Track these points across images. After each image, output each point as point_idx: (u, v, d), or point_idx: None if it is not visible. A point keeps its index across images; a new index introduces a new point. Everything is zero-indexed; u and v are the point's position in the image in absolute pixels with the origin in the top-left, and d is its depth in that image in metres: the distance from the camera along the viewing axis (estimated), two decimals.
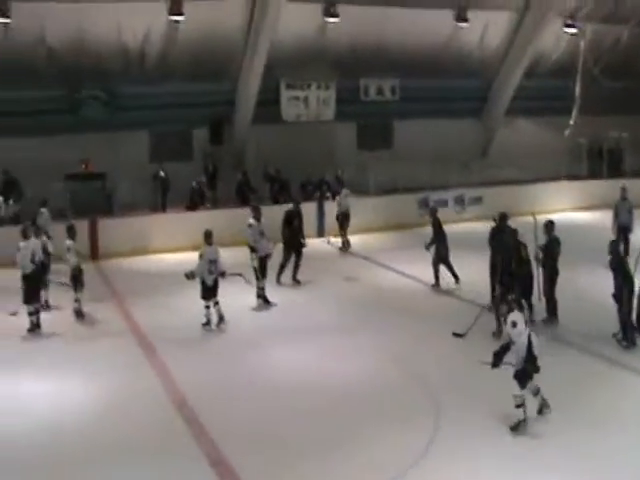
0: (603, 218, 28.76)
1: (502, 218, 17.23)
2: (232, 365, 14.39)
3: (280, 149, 28.06)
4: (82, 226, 22.95)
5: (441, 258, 19.36)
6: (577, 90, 31.95)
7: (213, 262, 16.44)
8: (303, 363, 14.49)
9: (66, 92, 26.03)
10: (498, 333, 15.03)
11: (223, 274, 16.65)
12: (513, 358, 11.38)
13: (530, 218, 16.62)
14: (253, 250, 18.36)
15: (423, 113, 31.12)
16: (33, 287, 16.62)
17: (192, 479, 10.28)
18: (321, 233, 26.38)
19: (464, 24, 30.21)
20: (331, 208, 25.91)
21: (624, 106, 33.25)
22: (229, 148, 28.47)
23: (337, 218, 24.86)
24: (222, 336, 16.28)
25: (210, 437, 11.34)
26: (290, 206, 21.38)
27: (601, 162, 34.31)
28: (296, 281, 20.36)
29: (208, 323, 16.57)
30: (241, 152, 28.65)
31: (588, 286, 19.10)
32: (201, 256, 16.50)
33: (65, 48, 24.93)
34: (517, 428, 11.23)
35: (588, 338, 15.41)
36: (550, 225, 16.51)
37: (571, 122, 32.28)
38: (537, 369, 11.31)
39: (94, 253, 23.37)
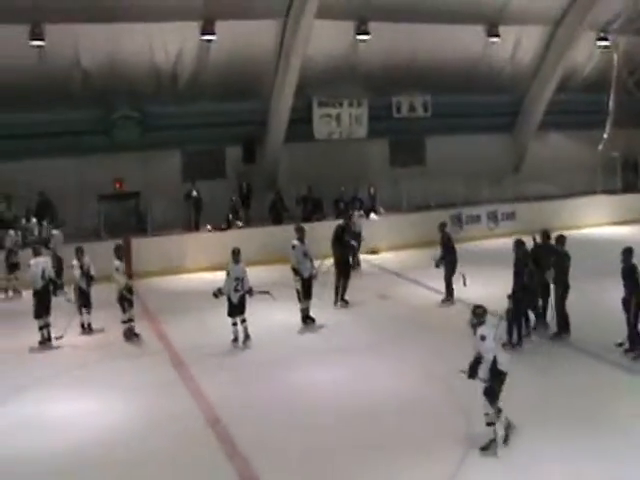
0: (637, 232, 28.79)
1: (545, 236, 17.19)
2: (263, 384, 14.49)
3: (312, 167, 28.28)
4: None
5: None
6: (611, 103, 31.94)
7: (239, 280, 16.77)
8: (333, 384, 14.48)
9: (99, 113, 26.25)
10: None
11: (250, 292, 16.95)
12: (483, 373, 11.14)
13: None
14: (296, 272, 18.08)
15: (455, 129, 31.14)
16: (43, 302, 17.29)
17: None
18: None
19: (496, 39, 30.21)
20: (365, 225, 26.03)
21: None
22: (261, 166, 28.64)
23: None
24: (253, 354, 16.41)
25: (242, 455, 11.43)
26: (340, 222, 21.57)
27: (636, 176, 34.04)
28: (344, 301, 20.14)
29: (236, 340, 16.89)
30: (273, 170, 28.80)
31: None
32: (228, 274, 16.83)
33: (98, 69, 25.24)
34: (488, 448, 11.08)
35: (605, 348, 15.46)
36: (561, 239, 16.41)
37: (605, 136, 32.23)
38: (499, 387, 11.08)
39: (128, 272, 23.51)
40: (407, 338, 17.07)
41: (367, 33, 27.82)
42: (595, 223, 31.34)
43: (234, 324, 16.83)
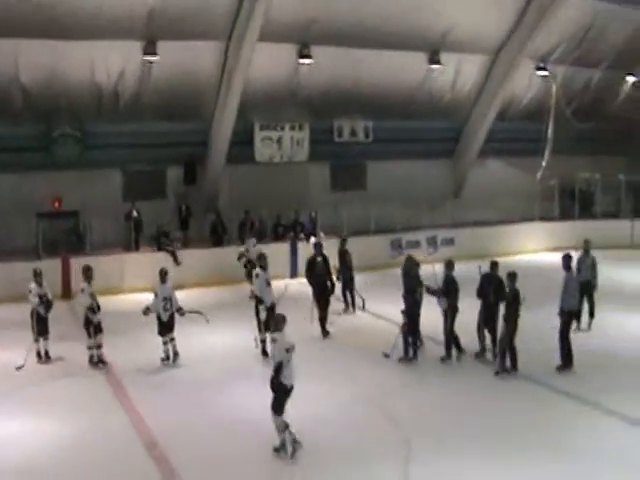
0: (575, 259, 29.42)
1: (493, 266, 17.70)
2: (198, 405, 14.68)
3: (253, 190, 28.48)
4: (54, 265, 23.29)
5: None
6: (549, 132, 32.64)
7: (167, 299, 17.28)
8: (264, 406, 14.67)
9: (40, 130, 26.10)
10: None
11: (180, 311, 17.41)
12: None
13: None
14: (260, 301, 17.65)
15: (396, 154, 31.64)
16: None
17: None
18: (294, 274, 26.61)
19: (437, 66, 30.75)
20: (305, 249, 26.23)
21: (594, 147, 34.19)
22: (202, 188, 28.73)
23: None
24: (191, 374, 16.58)
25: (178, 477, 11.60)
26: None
27: (573, 203, 34.79)
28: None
29: (167, 358, 17.33)
30: (214, 192, 28.90)
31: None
32: (156, 294, 17.29)
33: (38, 85, 25.06)
34: (279, 450, 12.14)
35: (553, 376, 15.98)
36: (512, 276, 16.39)
37: (543, 163, 32.93)
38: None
39: (66, 292, 23.51)
40: (345, 361, 17.43)
41: (309, 57, 28.11)
42: (533, 249, 32.03)
43: (164, 343, 17.28)
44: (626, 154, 35.47)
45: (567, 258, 17.31)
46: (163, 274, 17.43)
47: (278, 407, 12.08)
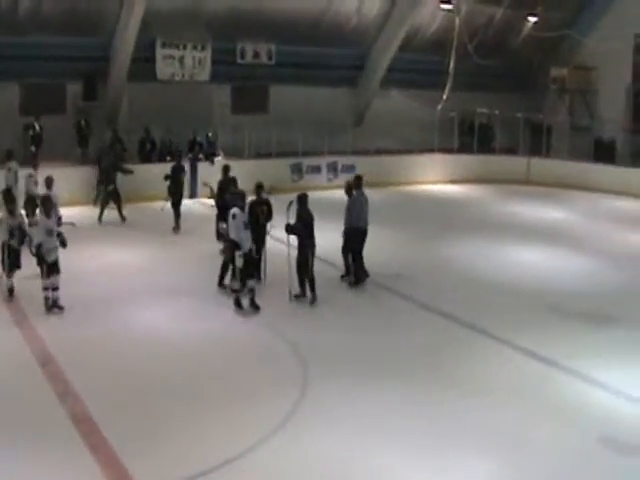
0: (469, 191, 31.29)
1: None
2: (92, 324, 15.10)
3: (154, 108, 28.87)
4: None
5: None
6: (451, 66, 33.78)
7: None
8: (163, 324, 15.45)
9: None
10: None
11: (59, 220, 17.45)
12: None
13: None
14: (237, 246, 16.06)
15: (299, 79, 32.40)
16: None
17: (56, 438, 10.73)
18: (194, 194, 27.47)
19: None
20: (204, 169, 27.15)
21: (494, 84, 35.40)
22: (102, 104, 29.11)
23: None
24: (87, 292, 16.84)
25: (74, 394, 12.02)
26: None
27: (471, 137, 36.24)
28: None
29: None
30: (115, 109, 29.34)
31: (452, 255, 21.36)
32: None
33: None
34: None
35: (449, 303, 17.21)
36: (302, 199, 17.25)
37: (444, 97, 34.12)
38: None
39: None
40: None
41: None
42: (431, 180, 33.44)
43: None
44: (525, 93, 37.02)
45: (358, 179, 18.73)
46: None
47: None
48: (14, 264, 16.48)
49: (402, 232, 24.25)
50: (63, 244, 15.89)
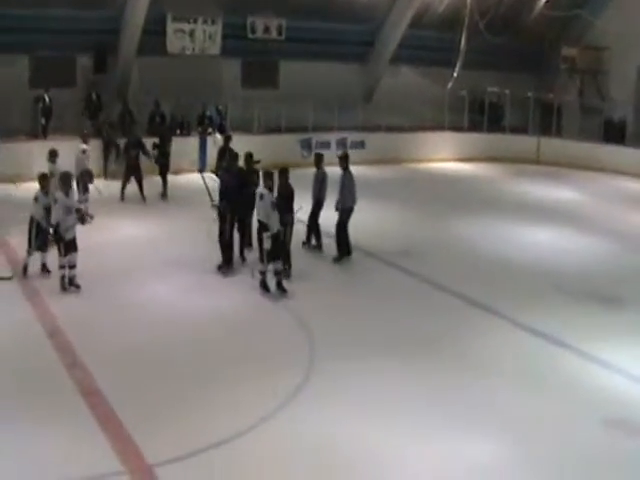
0: (479, 170, 31.41)
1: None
2: (103, 298, 15.35)
3: (164, 82, 28.91)
4: None
5: None
6: (462, 43, 33.73)
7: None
8: (172, 297, 15.70)
9: None
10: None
11: None
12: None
13: None
14: (265, 227, 15.73)
15: (310, 55, 32.41)
16: None
17: (63, 409, 10.95)
18: (203, 168, 27.49)
19: None
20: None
21: (505, 63, 35.23)
22: (112, 77, 29.19)
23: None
24: (92, 268, 16.54)
25: (83, 366, 12.23)
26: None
27: (481, 116, 36.24)
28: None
29: None
30: (125, 82, 29.45)
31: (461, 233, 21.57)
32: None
33: None
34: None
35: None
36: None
37: (454, 74, 34.11)
38: None
39: None
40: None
41: None
42: (440, 158, 33.54)
43: None
44: (536, 72, 36.98)
45: (344, 159, 18.68)
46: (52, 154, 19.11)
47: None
48: (41, 245, 16.22)
49: (411, 210, 24.45)
50: (82, 221, 16.07)
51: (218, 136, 27.92)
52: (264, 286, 15.95)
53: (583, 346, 13.80)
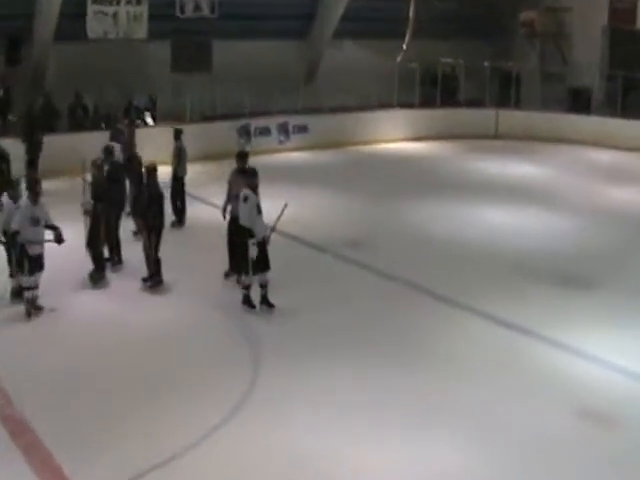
0: (433, 148, 31.32)
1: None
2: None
3: (86, 70, 28.25)
4: None
5: None
6: (411, 12, 33.56)
7: None
8: (107, 313, 15.12)
9: None
10: None
11: None
12: None
13: None
14: (250, 233, 14.79)
15: (245, 33, 31.80)
16: None
17: None
18: None
19: None
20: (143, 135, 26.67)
21: (458, 30, 35.14)
22: (27, 68, 28.54)
23: None
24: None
25: (3, 391, 11.78)
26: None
27: (435, 89, 35.88)
28: None
29: None
30: (40, 73, 28.80)
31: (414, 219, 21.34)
32: None
33: None
34: None
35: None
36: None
37: (404, 46, 33.96)
38: None
39: None
40: (189, 260, 17.83)
41: None
42: (392, 138, 33.28)
43: None
44: (492, 39, 36.83)
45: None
46: None
47: None
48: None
49: (359, 196, 23.91)
50: (58, 240, 14.88)
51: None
52: (248, 302, 15.12)
53: (549, 332, 13.74)
